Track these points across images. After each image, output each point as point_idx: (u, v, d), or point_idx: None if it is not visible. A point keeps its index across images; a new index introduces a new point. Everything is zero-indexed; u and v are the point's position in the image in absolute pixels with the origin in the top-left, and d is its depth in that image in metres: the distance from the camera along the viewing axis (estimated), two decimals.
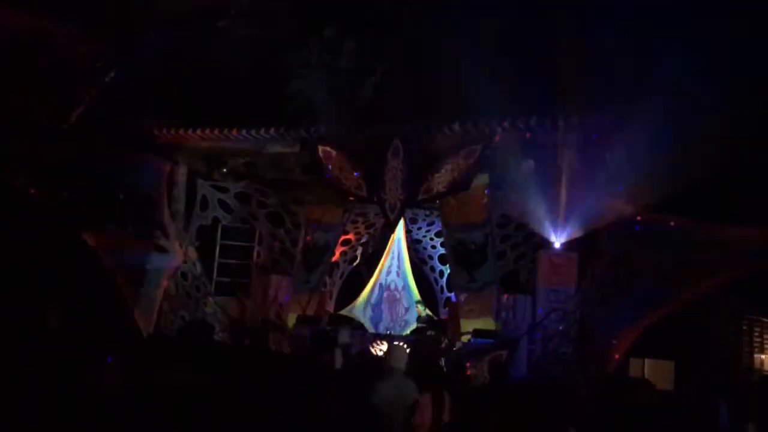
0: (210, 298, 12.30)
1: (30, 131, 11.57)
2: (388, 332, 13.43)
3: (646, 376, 10.45)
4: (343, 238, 13.98)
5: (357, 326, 13.81)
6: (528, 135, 10.37)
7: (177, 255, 11.99)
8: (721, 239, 9.48)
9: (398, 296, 14.63)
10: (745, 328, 13.34)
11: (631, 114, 9.47)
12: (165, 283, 11.90)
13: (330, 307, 14.08)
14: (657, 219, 9.84)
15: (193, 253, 12.40)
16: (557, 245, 10.59)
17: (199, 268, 12.46)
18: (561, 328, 10.09)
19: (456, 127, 10.74)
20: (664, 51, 9.87)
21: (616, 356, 9.98)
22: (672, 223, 9.76)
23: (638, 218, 9.99)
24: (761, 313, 13.45)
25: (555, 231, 10.53)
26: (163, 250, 11.88)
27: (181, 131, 12.14)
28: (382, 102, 11.37)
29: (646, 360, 10.96)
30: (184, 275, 12.28)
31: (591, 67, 9.64)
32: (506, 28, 10.47)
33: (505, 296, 11.26)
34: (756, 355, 13.31)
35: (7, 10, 11.37)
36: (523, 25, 10.59)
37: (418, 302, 14.00)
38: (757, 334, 13.48)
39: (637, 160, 9.53)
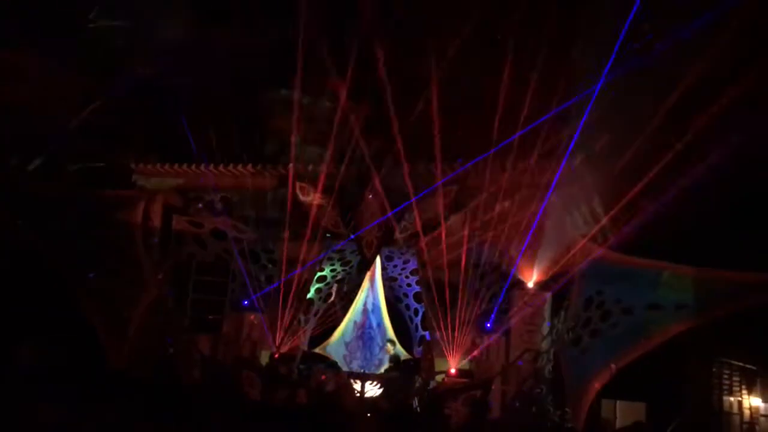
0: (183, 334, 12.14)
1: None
2: (362, 371, 13.33)
3: (617, 418, 10.49)
4: (318, 275, 13.96)
5: (331, 364, 13.70)
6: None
7: (150, 289, 11.86)
8: (693, 281, 9.59)
9: (373, 334, 14.53)
10: (715, 370, 13.46)
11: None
12: (138, 317, 11.74)
13: (304, 344, 13.96)
14: (629, 260, 9.95)
15: (166, 288, 12.27)
16: (531, 285, 10.69)
17: (172, 303, 12.32)
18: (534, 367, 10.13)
19: (431, 167, 10.89)
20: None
21: (589, 397, 9.98)
22: (643, 265, 9.87)
23: (610, 259, 10.11)
24: (731, 356, 13.60)
25: (529, 271, 10.63)
26: (136, 284, 11.76)
27: (158, 166, 12.15)
28: (360, 142, 11.51)
29: (618, 402, 10.99)
30: (157, 310, 12.13)
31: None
32: (477, 71, 10.70)
33: (479, 336, 11.27)
34: (725, 398, 13.42)
35: None
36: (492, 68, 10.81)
37: (389, 341, 13.91)
38: (726, 376, 13.61)
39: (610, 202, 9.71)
